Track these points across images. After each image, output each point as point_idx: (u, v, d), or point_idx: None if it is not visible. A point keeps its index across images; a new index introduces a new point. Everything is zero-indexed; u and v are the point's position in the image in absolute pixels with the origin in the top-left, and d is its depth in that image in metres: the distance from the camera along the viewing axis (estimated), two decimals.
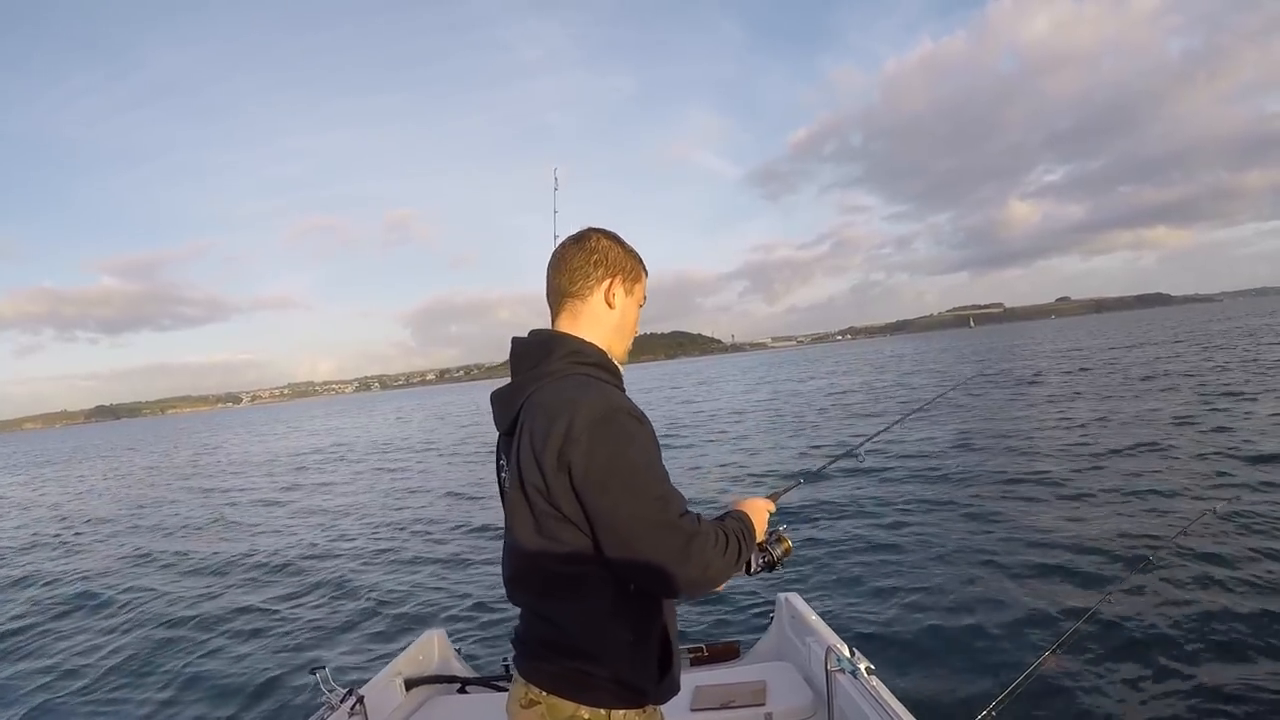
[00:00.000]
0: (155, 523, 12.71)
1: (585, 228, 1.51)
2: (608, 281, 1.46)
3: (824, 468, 2.61)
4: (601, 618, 1.37)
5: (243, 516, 12.35)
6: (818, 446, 13.54)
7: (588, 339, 1.44)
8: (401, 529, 9.75)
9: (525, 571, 1.41)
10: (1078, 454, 9.56)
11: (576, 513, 1.28)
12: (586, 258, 1.45)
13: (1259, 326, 40.89)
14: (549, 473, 1.27)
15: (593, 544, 1.30)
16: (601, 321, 1.47)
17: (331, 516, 11.38)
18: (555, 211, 3.88)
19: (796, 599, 2.93)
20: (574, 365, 1.38)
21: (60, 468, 32.33)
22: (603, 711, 1.38)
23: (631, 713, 1.41)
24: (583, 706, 1.38)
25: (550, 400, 1.32)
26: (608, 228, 1.53)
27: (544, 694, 1.40)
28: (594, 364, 1.40)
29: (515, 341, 1.48)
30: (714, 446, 15.13)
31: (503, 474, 1.48)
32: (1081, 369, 23.97)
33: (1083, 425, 11.91)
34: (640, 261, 1.53)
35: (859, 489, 8.96)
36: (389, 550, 8.57)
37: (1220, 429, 10.20)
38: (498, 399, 1.48)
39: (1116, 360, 26.01)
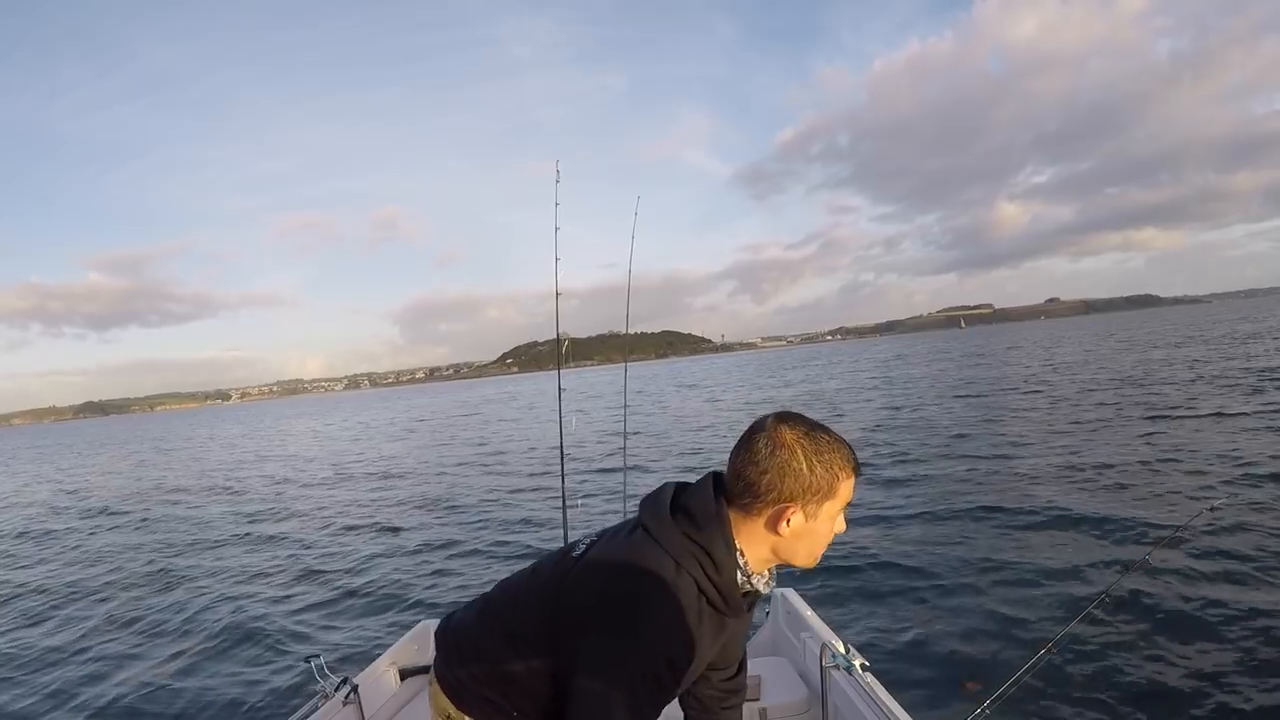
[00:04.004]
0: (148, 515, 12.65)
1: (777, 420, 1.24)
2: (777, 508, 1.22)
3: None
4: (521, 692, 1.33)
5: (234, 507, 12.30)
6: None
7: (746, 551, 1.26)
8: (395, 520, 9.73)
9: (503, 617, 1.37)
10: (1075, 456, 9.60)
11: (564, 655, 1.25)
12: (758, 475, 1.20)
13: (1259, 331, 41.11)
14: (575, 610, 1.24)
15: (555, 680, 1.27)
16: (767, 541, 1.26)
17: (324, 508, 11.34)
18: (557, 204, 3.89)
19: (792, 594, 2.92)
20: (684, 542, 1.23)
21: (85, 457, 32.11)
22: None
23: None
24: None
25: (631, 562, 1.23)
26: (803, 419, 1.24)
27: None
28: (709, 578, 1.22)
29: (672, 485, 1.34)
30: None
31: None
32: (1075, 373, 24.12)
33: (1077, 428, 11.98)
34: (838, 469, 1.22)
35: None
36: (383, 541, 8.57)
37: (1210, 431, 10.28)
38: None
39: (1117, 363, 26.17)
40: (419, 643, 3.07)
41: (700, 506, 1.23)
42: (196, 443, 36.76)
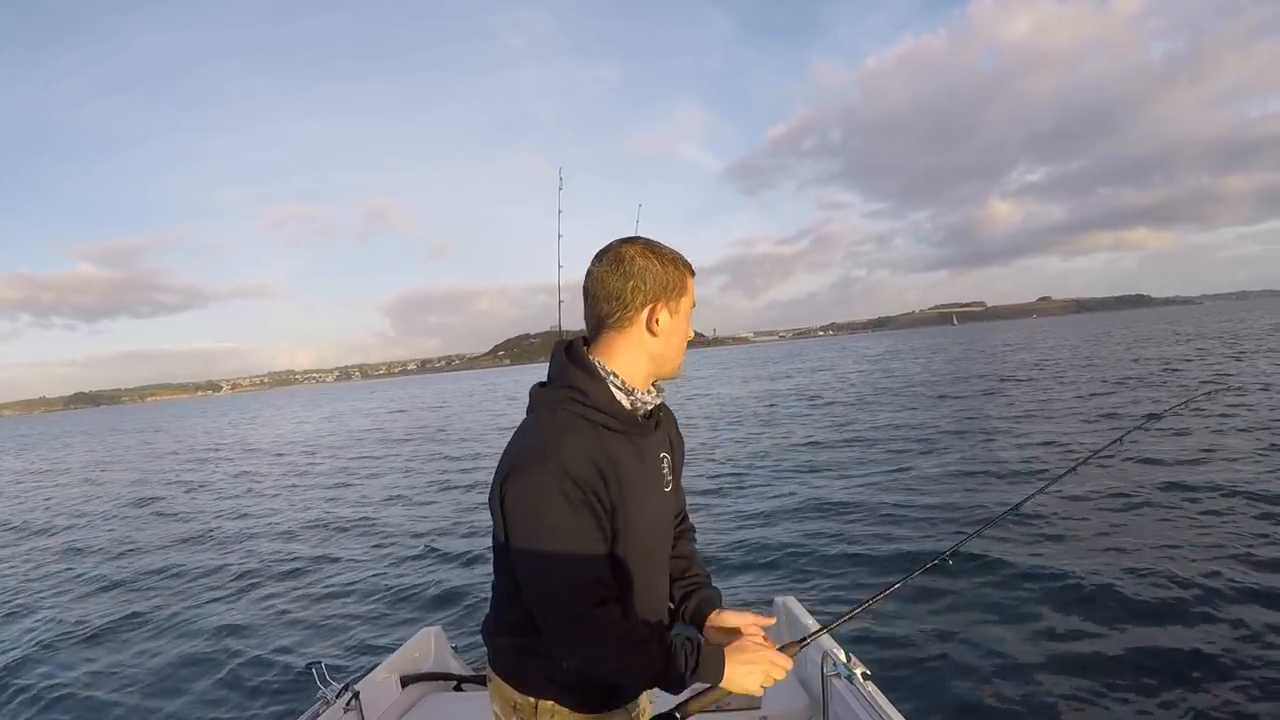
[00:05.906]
0: (140, 515, 12.60)
1: (619, 241, 1.37)
2: (648, 309, 1.34)
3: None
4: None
5: (230, 511, 12.25)
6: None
7: (621, 370, 1.36)
8: (397, 527, 9.67)
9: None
10: (1069, 455, 9.67)
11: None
12: (623, 284, 1.32)
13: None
14: (494, 497, 1.31)
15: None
16: (644, 348, 1.37)
17: (324, 513, 11.31)
18: (560, 210, 3.85)
19: (794, 603, 2.93)
20: (566, 401, 1.32)
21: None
22: (531, 700, 1.39)
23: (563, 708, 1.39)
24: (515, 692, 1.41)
25: (516, 437, 1.33)
26: (640, 236, 1.40)
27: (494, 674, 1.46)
28: (583, 403, 1.31)
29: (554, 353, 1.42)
30: None
31: None
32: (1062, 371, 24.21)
33: (1076, 426, 12.02)
34: (682, 268, 1.39)
35: (861, 494, 8.98)
36: (384, 547, 8.49)
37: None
38: None
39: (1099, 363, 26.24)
40: (420, 650, 3.07)
41: (555, 367, 1.37)
42: (189, 435, 36.58)
